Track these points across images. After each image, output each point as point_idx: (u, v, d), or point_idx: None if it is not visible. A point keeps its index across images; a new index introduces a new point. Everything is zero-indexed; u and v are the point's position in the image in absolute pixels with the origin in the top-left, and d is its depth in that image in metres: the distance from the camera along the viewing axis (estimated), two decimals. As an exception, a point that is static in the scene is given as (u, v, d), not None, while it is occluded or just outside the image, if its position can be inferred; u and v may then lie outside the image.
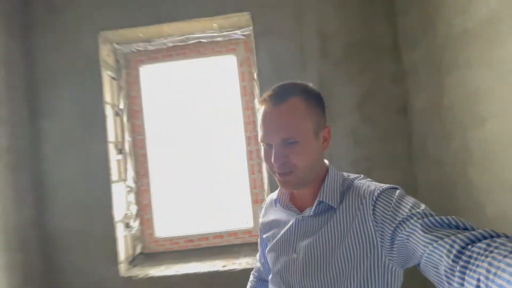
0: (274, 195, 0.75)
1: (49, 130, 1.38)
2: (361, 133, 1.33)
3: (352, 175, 0.65)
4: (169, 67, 1.63)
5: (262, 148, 0.61)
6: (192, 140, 1.66)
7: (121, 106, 1.52)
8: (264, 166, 1.39)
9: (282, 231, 0.66)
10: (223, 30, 1.49)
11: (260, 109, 0.60)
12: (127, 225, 1.45)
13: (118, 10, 1.38)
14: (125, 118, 1.53)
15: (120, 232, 1.38)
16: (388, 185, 0.56)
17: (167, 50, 1.55)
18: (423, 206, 0.48)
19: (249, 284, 0.85)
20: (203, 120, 1.66)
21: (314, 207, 0.60)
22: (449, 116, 1.01)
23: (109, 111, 1.41)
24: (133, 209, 1.50)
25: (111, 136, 1.41)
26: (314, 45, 1.34)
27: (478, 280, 0.30)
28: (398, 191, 0.53)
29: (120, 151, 1.49)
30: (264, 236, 0.75)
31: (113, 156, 1.41)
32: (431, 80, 1.09)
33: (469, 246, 0.35)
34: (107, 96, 1.41)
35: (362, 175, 0.65)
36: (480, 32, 0.81)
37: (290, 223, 0.64)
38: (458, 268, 0.34)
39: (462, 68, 0.92)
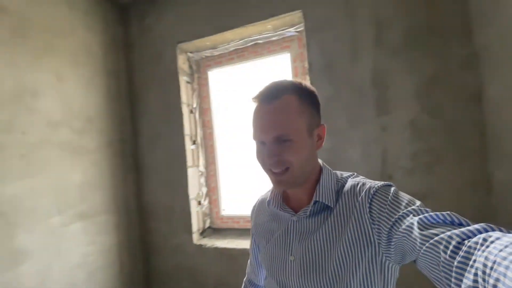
0: (265, 196, 0.72)
1: (143, 126, 1.73)
2: (423, 125, 1.20)
3: (345, 174, 0.62)
4: (231, 69, 1.79)
5: (256, 145, 0.59)
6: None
7: (194, 105, 1.77)
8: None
9: (277, 233, 0.62)
10: (277, 29, 1.55)
11: (254, 107, 0.58)
12: (199, 203, 1.70)
13: (190, 25, 1.60)
14: (197, 115, 1.78)
15: (194, 208, 1.64)
16: (382, 182, 0.54)
17: (229, 54, 1.71)
18: (418, 203, 0.47)
19: None
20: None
21: (310, 207, 0.57)
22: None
23: (185, 110, 1.67)
24: (204, 190, 1.75)
25: (187, 130, 1.67)
26: (368, 34, 1.27)
27: (476, 274, 0.30)
28: (393, 188, 0.52)
29: (194, 142, 1.74)
30: (256, 239, 0.71)
31: (189, 146, 1.67)
32: (507, 63, 0.91)
33: (466, 242, 0.34)
34: (184, 97, 1.67)
35: (355, 173, 0.62)
36: None
37: (285, 224, 0.62)
38: (455, 263, 0.33)
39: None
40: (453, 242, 0.35)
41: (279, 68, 1.66)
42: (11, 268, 1.05)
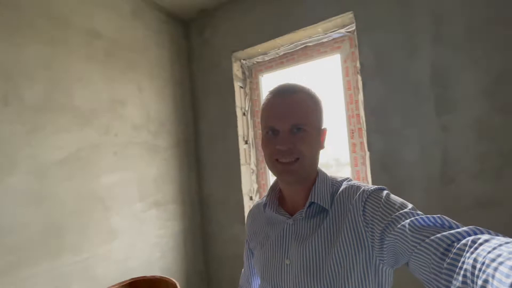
0: (260, 201, 0.72)
1: (203, 128, 1.90)
2: (491, 124, 1.08)
3: (340, 178, 0.62)
4: (282, 72, 1.84)
5: (264, 136, 0.59)
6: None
7: (246, 108, 1.87)
8: (367, 157, 1.38)
9: (273, 237, 0.61)
10: (328, 31, 1.55)
11: (267, 100, 0.60)
12: (250, 198, 1.80)
13: (242, 35, 1.70)
14: (249, 117, 1.88)
15: (246, 202, 1.75)
16: (376, 186, 0.55)
17: (279, 58, 1.76)
18: (410, 206, 0.47)
19: None
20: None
21: (305, 209, 0.57)
22: None
23: (239, 112, 1.79)
24: (254, 186, 1.84)
25: (240, 131, 1.78)
26: (426, 30, 1.19)
27: (465, 276, 0.30)
28: (385, 192, 0.52)
29: (246, 142, 1.85)
30: (251, 244, 0.70)
31: (241, 146, 1.78)
32: None
33: (455, 244, 0.34)
34: (237, 101, 1.79)
35: (349, 178, 0.62)
36: None
37: (281, 228, 0.61)
38: (445, 265, 0.33)
39: None
40: (443, 244, 0.35)
41: (329, 68, 1.65)
42: (107, 243, 1.28)
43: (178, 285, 1.16)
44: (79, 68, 1.25)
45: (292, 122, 0.54)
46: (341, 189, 0.58)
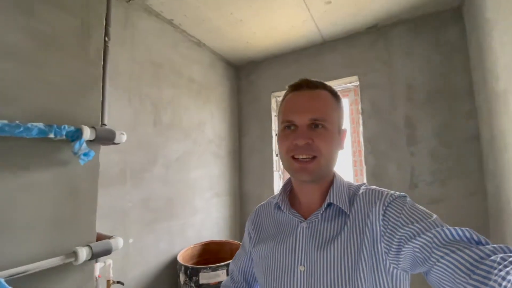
0: (267, 201, 0.69)
1: (246, 143, 2.56)
2: (439, 153, 1.75)
3: (355, 183, 0.60)
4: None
5: (281, 131, 0.56)
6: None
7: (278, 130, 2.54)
8: (364, 170, 2.02)
9: (284, 241, 0.56)
10: (340, 84, 2.25)
11: (286, 95, 0.58)
12: (279, 196, 2.43)
13: (279, 81, 2.41)
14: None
15: (276, 199, 2.37)
16: (398, 192, 0.52)
17: (304, 98, 2.46)
18: (434, 216, 0.44)
19: None
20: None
21: (323, 210, 0.53)
22: (498, 143, 1.37)
23: (273, 133, 2.46)
24: (282, 188, 2.48)
25: (273, 146, 2.44)
26: (402, 93, 1.89)
27: None
28: (408, 199, 0.50)
29: (277, 155, 2.50)
30: (257, 246, 0.63)
31: (274, 157, 2.44)
32: (490, 118, 1.45)
33: (484, 260, 0.33)
34: (273, 125, 2.46)
35: (365, 183, 0.60)
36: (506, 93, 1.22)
37: (293, 231, 0.56)
38: (470, 281, 0.32)
39: (504, 114, 1.29)
40: (470, 259, 0.34)
41: (339, 109, 2.33)
42: (192, 216, 1.90)
43: (242, 243, 1.76)
44: (184, 102, 1.92)
45: (312, 116, 0.51)
46: (361, 192, 0.54)
